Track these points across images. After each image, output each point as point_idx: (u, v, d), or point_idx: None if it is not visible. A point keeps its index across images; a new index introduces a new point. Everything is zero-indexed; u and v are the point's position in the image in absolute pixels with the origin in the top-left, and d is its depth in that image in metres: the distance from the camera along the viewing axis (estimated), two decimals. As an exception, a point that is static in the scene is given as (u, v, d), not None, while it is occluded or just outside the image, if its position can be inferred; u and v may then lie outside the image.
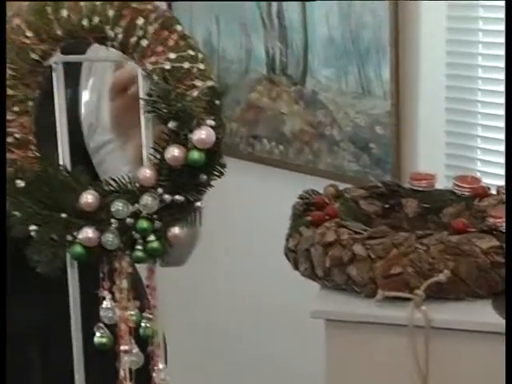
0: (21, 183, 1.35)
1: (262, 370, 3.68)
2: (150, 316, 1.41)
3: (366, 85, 2.45)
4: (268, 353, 3.62)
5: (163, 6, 1.35)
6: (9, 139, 1.36)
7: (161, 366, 1.42)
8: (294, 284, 2.12)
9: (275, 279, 3.12)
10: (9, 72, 1.34)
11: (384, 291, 1.74)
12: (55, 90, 1.40)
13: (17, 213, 1.37)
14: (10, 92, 1.34)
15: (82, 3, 1.32)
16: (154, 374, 1.41)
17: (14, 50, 1.33)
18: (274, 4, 2.27)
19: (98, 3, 1.31)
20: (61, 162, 1.40)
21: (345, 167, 2.67)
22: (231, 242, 3.51)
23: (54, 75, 1.39)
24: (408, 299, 1.72)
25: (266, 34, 2.30)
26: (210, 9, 2.32)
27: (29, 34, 1.33)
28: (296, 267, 1.91)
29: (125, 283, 1.39)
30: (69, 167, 1.40)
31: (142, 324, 1.41)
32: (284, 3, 2.26)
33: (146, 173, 1.33)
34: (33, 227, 1.36)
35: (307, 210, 1.97)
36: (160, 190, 1.33)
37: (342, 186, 2.13)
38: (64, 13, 1.32)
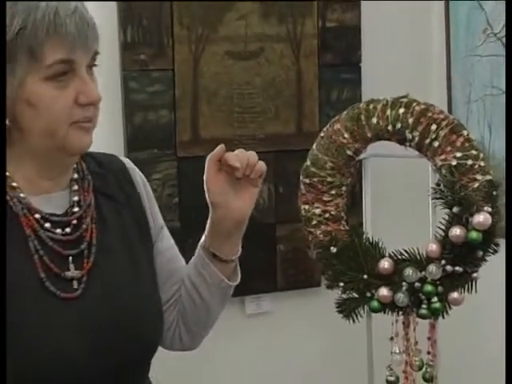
0: (333, 249, 1.36)
1: None
2: (431, 363, 1.37)
3: None
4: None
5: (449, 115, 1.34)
6: (326, 215, 1.38)
7: (438, 403, 1.38)
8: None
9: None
10: (329, 164, 1.36)
11: None
12: (364, 180, 1.41)
13: (329, 272, 1.38)
14: (329, 179, 1.36)
15: (387, 112, 1.33)
16: (432, 410, 1.37)
17: (334, 148, 1.36)
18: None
19: (400, 112, 1.32)
20: (364, 235, 1.40)
21: None
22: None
23: (363, 171, 1.41)
24: None
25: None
26: (484, 118, 2.26)
27: (346, 135, 1.35)
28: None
29: (412, 333, 1.35)
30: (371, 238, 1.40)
31: (423, 369, 1.37)
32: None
33: (433, 247, 1.31)
34: (340, 284, 1.37)
35: None
36: (443, 262, 1.30)
37: None
38: (374, 120, 1.33)
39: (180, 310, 1.35)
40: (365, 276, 1.35)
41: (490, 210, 1.27)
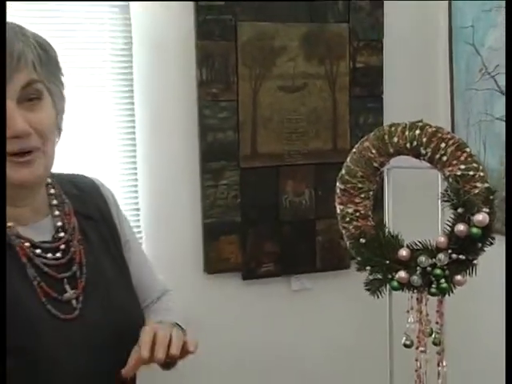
0: (362, 241, 1.34)
1: None
2: (439, 331, 1.33)
3: None
4: None
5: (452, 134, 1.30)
6: (356, 213, 1.35)
7: (444, 362, 1.34)
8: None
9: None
10: (359, 173, 1.34)
11: None
12: (386, 186, 1.38)
13: (359, 258, 1.35)
14: (359, 185, 1.34)
15: (406, 133, 1.30)
16: (439, 367, 1.33)
17: (363, 161, 1.33)
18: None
19: (416, 133, 1.29)
20: (386, 229, 1.37)
21: None
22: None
23: (386, 178, 1.38)
24: None
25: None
26: (480, 138, 2.21)
27: (373, 151, 1.32)
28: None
29: (424, 307, 1.32)
30: (392, 232, 1.37)
31: (433, 335, 1.34)
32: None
33: (442, 239, 1.27)
34: (368, 268, 1.35)
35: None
36: (450, 251, 1.27)
37: None
38: (395, 139, 1.30)
39: None
40: (387, 262, 1.32)
41: (487, 210, 1.23)
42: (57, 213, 1.07)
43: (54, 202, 1.07)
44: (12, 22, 0.97)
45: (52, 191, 1.08)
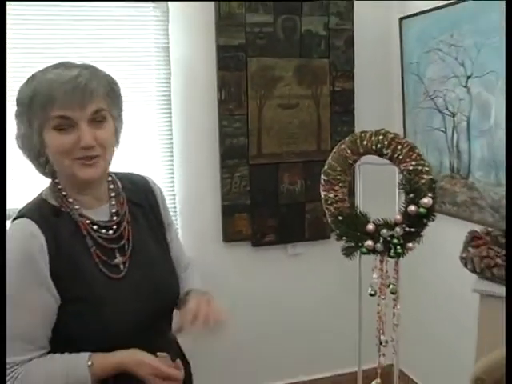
0: (340, 218, 1.33)
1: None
2: (395, 283, 1.33)
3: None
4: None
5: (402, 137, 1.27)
6: (336, 198, 1.34)
7: (398, 306, 1.34)
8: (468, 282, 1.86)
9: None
10: (338, 168, 1.33)
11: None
12: (358, 177, 1.37)
13: (337, 231, 1.35)
14: (338, 177, 1.33)
15: (372, 138, 1.29)
16: (395, 310, 1.33)
17: (341, 159, 1.33)
18: (455, 139, 2.08)
19: (380, 138, 1.28)
20: (358, 209, 1.37)
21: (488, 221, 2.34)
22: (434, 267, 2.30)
23: (357, 172, 1.38)
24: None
25: (449, 154, 2.11)
26: (424, 143, 2.19)
27: (348, 151, 1.32)
28: (465, 266, 1.72)
29: (384, 266, 1.32)
30: (362, 211, 1.36)
31: (390, 286, 1.34)
32: (461, 137, 2.06)
33: (398, 217, 1.27)
34: (344, 238, 1.34)
35: (472, 240, 1.77)
36: (404, 225, 1.27)
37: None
38: (365, 142, 1.30)
39: None
40: (358, 233, 1.32)
41: (431, 195, 1.24)
42: (113, 202, 1.08)
43: (112, 194, 1.09)
44: (89, 65, 1.00)
45: (111, 186, 1.09)
